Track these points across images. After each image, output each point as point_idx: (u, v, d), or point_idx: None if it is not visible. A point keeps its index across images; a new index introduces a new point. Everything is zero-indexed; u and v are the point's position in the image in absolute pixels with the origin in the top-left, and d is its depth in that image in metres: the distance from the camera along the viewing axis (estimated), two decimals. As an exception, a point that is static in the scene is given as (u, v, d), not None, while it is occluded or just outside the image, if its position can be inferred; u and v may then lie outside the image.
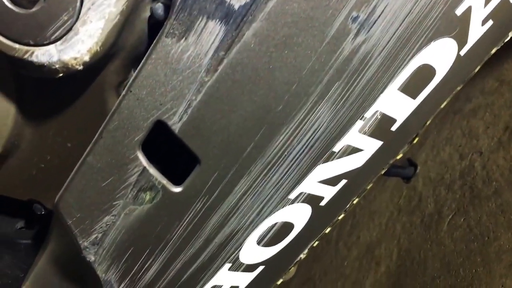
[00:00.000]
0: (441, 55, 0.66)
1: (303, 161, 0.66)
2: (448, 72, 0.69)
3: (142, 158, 0.58)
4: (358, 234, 1.79)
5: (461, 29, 0.66)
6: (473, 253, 1.27)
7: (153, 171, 0.59)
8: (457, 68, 0.70)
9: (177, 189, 0.61)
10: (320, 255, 2.01)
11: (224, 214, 0.67)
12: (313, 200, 0.73)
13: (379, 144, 0.71)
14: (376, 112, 0.66)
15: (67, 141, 0.63)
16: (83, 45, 0.50)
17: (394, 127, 0.71)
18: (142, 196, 0.61)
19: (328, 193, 0.74)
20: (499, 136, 1.49)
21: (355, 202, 0.83)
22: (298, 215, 0.74)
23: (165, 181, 0.60)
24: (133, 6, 0.53)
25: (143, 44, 0.57)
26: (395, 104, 0.67)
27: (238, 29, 0.52)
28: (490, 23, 0.67)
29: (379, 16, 0.57)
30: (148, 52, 0.53)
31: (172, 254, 0.68)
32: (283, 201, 0.70)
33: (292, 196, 0.70)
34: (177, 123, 0.56)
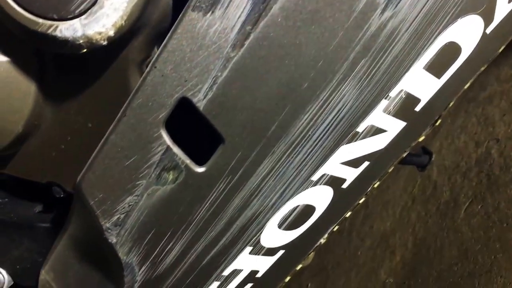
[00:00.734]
0: (467, 32, 0.65)
1: (326, 141, 0.65)
2: (473, 51, 0.68)
3: (166, 137, 0.57)
4: (372, 224, 1.78)
5: (488, 6, 0.64)
6: (491, 239, 1.26)
7: (177, 150, 0.58)
8: (483, 46, 0.68)
9: (200, 169, 0.60)
10: (332, 246, 2.00)
11: (246, 195, 0.66)
12: (335, 182, 0.72)
13: (402, 125, 0.70)
14: (401, 91, 0.65)
15: (88, 121, 0.62)
16: (108, 19, 0.49)
17: (418, 107, 0.70)
18: (165, 176, 0.60)
19: (350, 175, 0.73)
20: (516, 123, 1.48)
21: (376, 185, 0.82)
22: (319, 197, 0.73)
23: (188, 161, 0.60)
24: (158, -20, 0.52)
25: (167, 19, 0.56)
26: (420, 83, 0.66)
27: (265, 2, 0.51)
28: (517, -1, 0.66)
29: (407, -10, 0.56)
30: (174, 26, 0.52)
31: (194, 237, 0.67)
32: (305, 183, 0.69)
33: (315, 178, 0.69)
34: (202, 100, 0.55)
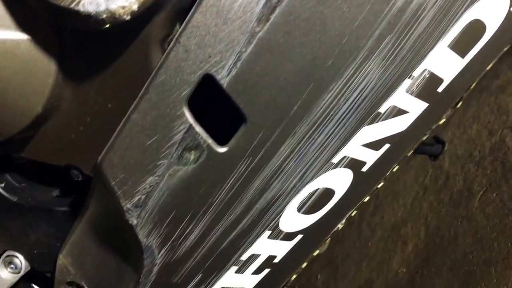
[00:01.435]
0: (493, 10, 0.64)
1: (348, 121, 0.64)
2: (498, 30, 0.67)
3: (188, 115, 0.56)
4: (382, 215, 1.77)
5: (513, -17, 0.63)
6: (507, 226, 1.25)
7: (199, 129, 0.57)
8: (507, 25, 0.67)
9: (222, 149, 0.60)
10: (342, 238, 1.99)
11: (267, 177, 0.65)
12: (355, 165, 0.71)
13: (424, 106, 0.69)
14: (425, 70, 0.64)
15: (108, 102, 0.61)
16: (131, -8, 0.48)
17: (440, 88, 0.69)
18: (186, 155, 0.59)
19: (370, 158, 0.72)
20: (530, 111, 1.46)
21: (395, 169, 0.81)
22: (339, 181, 0.72)
23: (210, 141, 0.59)
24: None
25: (191, -7, 0.55)
26: (444, 62, 0.65)
27: (291, -25, 0.50)
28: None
29: (434, -36, 0.55)
30: (198, 0, 0.51)
31: (214, 219, 0.67)
32: (326, 165, 0.68)
33: (335, 160, 0.68)
34: (225, 77, 0.54)
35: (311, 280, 2.06)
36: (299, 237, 0.78)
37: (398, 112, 0.67)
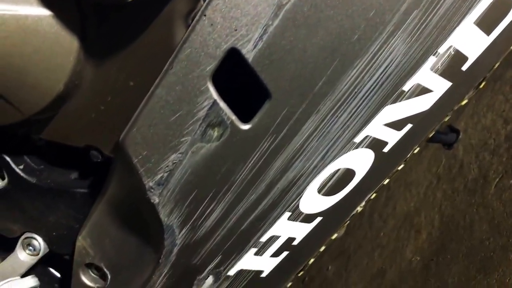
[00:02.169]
0: (519, -14, 0.63)
1: (372, 100, 0.63)
2: (524, 7, 0.66)
3: (212, 90, 0.56)
4: (394, 205, 1.76)
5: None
6: (525, 212, 1.24)
7: (223, 105, 0.57)
8: (533, 3, 0.66)
9: (245, 126, 0.59)
10: (352, 230, 1.98)
11: (289, 156, 0.64)
12: (377, 145, 0.70)
13: (448, 85, 0.68)
14: (450, 47, 0.63)
15: (130, 79, 0.61)
16: (157, -37, 0.48)
17: (465, 67, 0.68)
18: (210, 132, 0.58)
19: (392, 138, 0.71)
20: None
21: (415, 151, 0.81)
22: (360, 161, 0.72)
23: (234, 117, 0.58)
24: None
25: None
26: (470, 39, 0.64)
27: None
28: None
29: None
30: (225, -29, 0.50)
31: (235, 199, 0.66)
32: (348, 144, 0.67)
33: (357, 139, 0.67)
34: (251, 51, 0.53)
35: (321, 271, 2.06)
36: (319, 219, 0.78)
37: (422, 90, 0.66)
